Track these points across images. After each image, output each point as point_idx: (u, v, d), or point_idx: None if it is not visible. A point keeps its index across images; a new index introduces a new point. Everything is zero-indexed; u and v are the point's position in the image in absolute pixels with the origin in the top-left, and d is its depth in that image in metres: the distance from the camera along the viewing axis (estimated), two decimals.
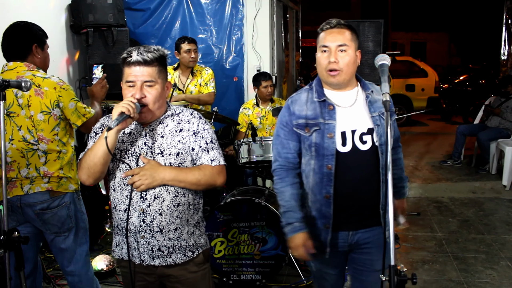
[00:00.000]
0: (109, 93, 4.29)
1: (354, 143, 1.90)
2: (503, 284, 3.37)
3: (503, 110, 6.14)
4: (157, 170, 1.80)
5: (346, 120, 1.91)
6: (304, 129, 1.94)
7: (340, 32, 1.89)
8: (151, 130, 1.87)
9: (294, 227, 1.94)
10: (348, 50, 1.88)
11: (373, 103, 1.94)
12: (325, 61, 1.89)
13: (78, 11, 4.45)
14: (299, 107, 1.97)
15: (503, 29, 7.41)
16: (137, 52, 1.78)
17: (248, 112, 4.53)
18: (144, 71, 1.78)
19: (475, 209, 5.04)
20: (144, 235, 1.84)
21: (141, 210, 1.83)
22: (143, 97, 1.78)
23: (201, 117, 1.94)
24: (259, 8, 5.27)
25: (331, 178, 1.89)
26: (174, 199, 1.85)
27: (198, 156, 1.88)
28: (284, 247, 3.21)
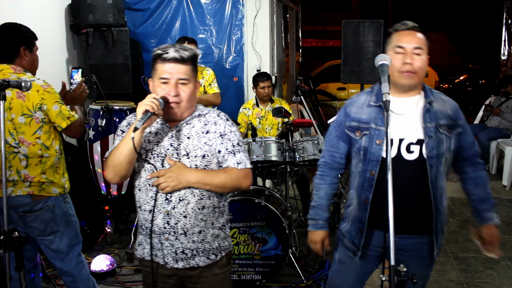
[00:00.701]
0: (110, 93, 4.33)
1: (399, 151, 1.86)
2: (503, 284, 3.37)
3: (503, 110, 6.14)
4: (182, 172, 1.78)
5: (397, 128, 1.87)
6: (355, 132, 1.94)
7: (415, 34, 1.85)
8: (178, 131, 1.84)
9: (317, 223, 2.06)
10: (423, 54, 1.84)
11: (431, 113, 1.88)
12: (399, 62, 1.83)
13: (78, 11, 4.45)
14: (355, 109, 1.96)
15: (503, 29, 7.41)
16: (174, 49, 1.76)
17: (248, 112, 4.53)
18: (179, 68, 1.76)
19: None
20: (168, 237, 1.83)
21: (165, 212, 1.81)
22: (177, 94, 1.77)
23: (228, 119, 1.91)
24: (259, 8, 5.28)
25: (372, 184, 1.89)
26: (199, 201, 1.83)
27: (224, 158, 1.85)
28: (284, 247, 3.21)
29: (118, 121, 3.99)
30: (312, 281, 3.35)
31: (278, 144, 3.68)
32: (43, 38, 4.10)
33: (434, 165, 1.85)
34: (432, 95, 1.92)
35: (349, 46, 4.92)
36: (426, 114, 1.87)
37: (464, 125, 1.94)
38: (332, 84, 10.96)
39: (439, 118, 1.87)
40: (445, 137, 1.87)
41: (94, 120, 3.98)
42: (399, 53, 1.84)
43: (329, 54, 15.50)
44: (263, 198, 3.31)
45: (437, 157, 1.85)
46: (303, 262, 3.61)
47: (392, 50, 1.86)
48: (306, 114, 5.28)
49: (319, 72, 11.62)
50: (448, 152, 1.90)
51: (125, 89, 4.61)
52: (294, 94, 3.86)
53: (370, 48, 4.77)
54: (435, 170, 1.86)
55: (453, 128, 1.89)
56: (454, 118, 1.90)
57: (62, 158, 2.50)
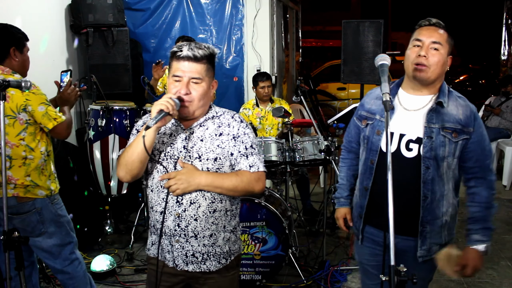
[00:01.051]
0: (110, 93, 4.33)
1: (399, 147, 1.87)
2: (503, 284, 3.37)
3: (503, 110, 6.14)
4: (193, 175, 1.76)
5: (400, 123, 1.87)
6: (362, 121, 2.01)
7: (437, 30, 1.83)
8: (192, 133, 1.83)
9: (339, 201, 2.17)
10: (441, 50, 1.81)
11: (438, 114, 1.84)
12: (413, 55, 1.82)
13: (78, 11, 4.45)
14: (369, 100, 2.03)
15: (503, 29, 7.41)
16: (188, 47, 1.75)
17: (248, 113, 4.53)
18: (192, 67, 1.75)
19: None
20: (178, 239, 1.82)
21: (176, 215, 1.80)
22: (188, 93, 1.76)
23: (242, 120, 1.89)
24: (259, 8, 5.28)
25: (372, 172, 1.94)
26: (210, 205, 1.81)
27: (237, 161, 1.82)
28: (284, 247, 3.21)
29: (118, 121, 3.99)
30: (312, 281, 3.35)
31: (278, 144, 3.68)
32: (43, 38, 4.13)
33: (431, 166, 1.82)
34: (446, 96, 1.87)
35: (349, 46, 4.93)
36: (432, 114, 1.84)
37: (474, 134, 1.84)
38: (332, 84, 10.97)
39: (446, 121, 1.83)
40: (448, 140, 1.82)
41: (94, 120, 3.98)
42: (416, 46, 1.83)
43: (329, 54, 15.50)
44: (263, 198, 3.31)
45: (435, 159, 1.82)
46: (303, 262, 3.61)
47: (411, 43, 1.87)
48: (306, 114, 5.28)
49: (319, 72, 11.63)
50: (451, 157, 1.84)
51: (125, 89, 4.61)
52: (294, 94, 3.85)
53: (370, 48, 4.77)
54: (432, 172, 1.83)
55: (460, 133, 1.83)
56: (465, 124, 1.83)
57: (50, 160, 2.47)
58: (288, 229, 3.24)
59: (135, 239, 3.97)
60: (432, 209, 1.87)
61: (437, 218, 1.89)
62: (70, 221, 2.59)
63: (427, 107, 1.86)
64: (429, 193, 1.85)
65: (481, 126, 1.87)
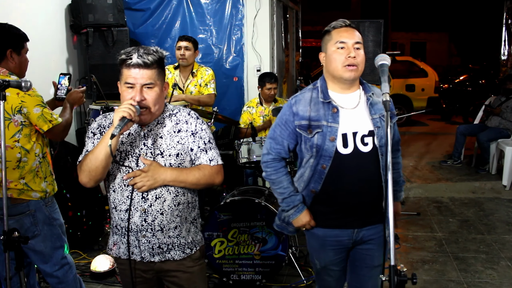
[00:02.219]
0: (110, 93, 4.32)
1: (355, 145, 1.95)
2: (503, 284, 3.37)
3: (503, 110, 6.13)
4: (158, 172, 1.82)
5: (348, 122, 1.95)
6: (307, 130, 1.98)
7: (354, 30, 1.96)
8: (150, 130, 1.88)
9: (299, 207, 2.08)
10: (361, 49, 1.94)
11: (374, 105, 1.98)
12: (342, 57, 1.92)
13: (78, 11, 4.46)
14: (303, 107, 2.00)
15: (503, 29, 7.40)
16: (137, 54, 1.77)
17: (252, 111, 4.53)
18: (143, 73, 1.78)
19: (475, 209, 5.03)
20: (145, 234, 1.88)
21: (142, 210, 1.85)
22: (143, 99, 1.79)
23: (198, 117, 1.96)
24: (259, 8, 5.28)
25: (322, 176, 1.98)
26: (174, 198, 1.89)
27: (197, 156, 1.92)
28: (284, 247, 3.21)
29: None
30: (312, 281, 3.35)
31: None
32: (43, 38, 4.12)
33: (384, 153, 1.92)
34: (370, 88, 2.03)
35: None
36: (370, 107, 1.98)
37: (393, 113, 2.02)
38: None
39: (380, 109, 1.97)
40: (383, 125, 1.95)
41: (94, 120, 3.97)
42: (341, 48, 1.92)
43: None
44: (263, 198, 3.31)
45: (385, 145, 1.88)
46: (303, 262, 3.61)
47: (334, 46, 1.94)
48: None
49: (319, 72, 11.63)
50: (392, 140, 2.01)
51: None
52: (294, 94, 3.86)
53: (370, 48, 4.77)
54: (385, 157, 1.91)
55: (392, 117, 1.99)
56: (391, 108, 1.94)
57: (45, 162, 2.46)
58: None
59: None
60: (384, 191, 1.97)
61: None
62: (63, 224, 2.57)
63: (363, 102, 1.99)
64: (384, 177, 1.93)
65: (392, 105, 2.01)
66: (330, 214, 2.05)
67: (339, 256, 2.12)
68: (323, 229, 2.09)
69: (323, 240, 2.10)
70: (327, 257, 2.12)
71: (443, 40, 23.91)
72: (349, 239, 2.07)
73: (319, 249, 2.14)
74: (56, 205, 2.53)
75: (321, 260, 2.15)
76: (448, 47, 24.25)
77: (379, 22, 4.74)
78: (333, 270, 2.15)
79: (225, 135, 4.83)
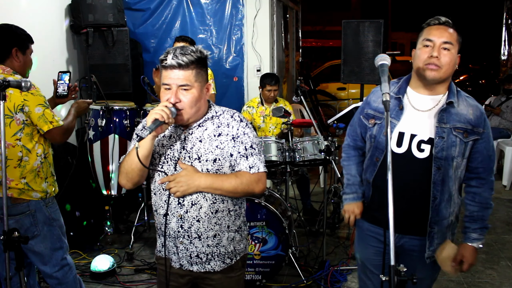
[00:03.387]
0: (110, 93, 4.33)
1: (410, 147, 1.86)
2: (503, 284, 3.37)
3: (503, 110, 6.14)
4: (192, 177, 1.76)
5: (411, 123, 1.87)
6: (369, 120, 1.99)
7: (447, 29, 1.81)
8: (191, 133, 1.83)
9: (355, 197, 2.08)
10: (452, 50, 1.80)
11: (449, 114, 1.84)
12: (425, 55, 1.81)
13: (78, 11, 4.45)
14: (375, 98, 2.00)
15: (503, 29, 7.40)
16: (172, 55, 1.71)
17: (252, 111, 4.53)
18: (179, 74, 1.72)
19: None
20: (182, 241, 1.83)
21: (179, 216, 1.81)
22: (178, 101, 1.73)
23: (242, 119, 1.88)
24: (259, 8, 5.28)
25: (375, 168, 1.97)
26: (212, 205, 1.81)
27: (237, 162, 1.82)
28: (284, 247, 3.21)
29: (118, 121, 3.99)
30: (312, 281, 3.35)
31: (278, 144, 3.68)
32: (43, 38, 4.12)
33: (442, 167, 1.83)
34: (456, 96, 1.86)
35: (349, 46, 4.93)
36: (443, 114, 1.84)
37: (484, 135, 1.86)
38: (332, 84, 10.97)
39: (457, 121, 1.83)
40: (459, 140, 1.83)
41: (94, 120, 3.98)
42: (427, 46, 1.81)
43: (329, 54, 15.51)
44: (263, 198, 3.31)
45: (446, 159, 1.83)
46: (303, 262, 3.61)
47: (421, 43, 1.84)
48: (306, 114, 5.28)
49: (319, 72, 11.63)
50: (460, 157, 1.85)
51: (125, 89, 4.61)
52: (294, 94, 3.86)
53: (370, 48, 4.78)
54: (444, 172, 1.84)
55: (470, 133, 1.84)
56: (475, 124, 1.84)
57: (46, 162, 2.45)
58: (288, 229, 3.24)
59: (135, 239, 3.97)
60: (440, 209, 1.88)
61: (444, 219, 1.91)
62: (63, 225, 2.56)
63: (438, 107, 1.86)
64: (439, 194, 1.86)
65: (489, 127, 1.89)
66: (375, 210, 2.01)
67: (378, 258, 2.01)
68: (367, 222, 2.07)
69: (364, 233, 2.08)
70: (366, 253, 2.09)
71: None
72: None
73: (359, 240, 2.13)
74: (56, 206, 2.53)
75: (360, 253, 2.13)
76: None
77: (379, 22, 4.74)
78: (373, 273, 2.07)
79: None
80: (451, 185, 1.87)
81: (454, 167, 1.85)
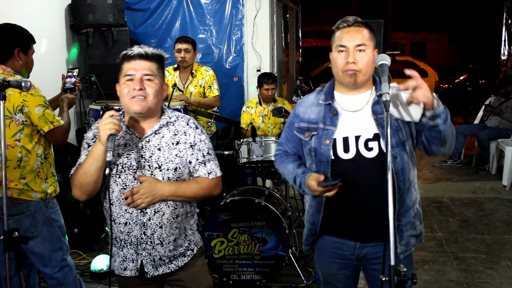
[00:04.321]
0: (110, 93, 4.31)
1: (358, 149, 1.79)
2: (503, 284, 3.37)
3: (503, 110, 6.14)
4: (156, 187, 1.78)
5: (350, 125, 1.82)
6: (305, 133, 1.89)
7: (358, 30, 1.78)
8: (148, 141, 1.83)
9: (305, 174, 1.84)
10: (367, 50, 1.77)
11: (381, 104, 1.75)
12: (342, 62, 1.78)
13: (78, 11, 4.46)
14: (304, 109, 1.92)
15: (503, 29, 7.41)
16: (138, 46, 1.80)
17: (250, 111, 4.53)
18: (144, 65, 1.78)
19: (475, 209, 5.04)
20: (145, 247, 1.85)
21: (141, 224, 1.82)
22: (142, 88, 1.75)
23: (197, 126, 1.91)
24: (259, 8, 5.28)
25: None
26: (173, 211, 1.86)
27: (195, 169, 1.89)
28: (284, 247, 3.21)
29: None
30: (312, 281, 3.35)
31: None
32: (43, 38, 4.12)
33: (398, 155, 1.77)
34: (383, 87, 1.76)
35: None
36: (377, 106, 1.80)
37: None
38: None
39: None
40: (402, 123, 1.79)
41: (94, 120, 3.97)
42: (341, 52, 1.78)
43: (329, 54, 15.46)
44: (263, 198, 3.31)
45: (398, 146, 1.77)
46: (303, 262, 3.61)
47: (335, 49, 1.81)
48: None
49: (319, 72, 11.63)
50: (410, 139, 1.80)
51: None
52: (294, 94, 3.86)
53: None
54: (400, 160, 1.77)
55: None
56: None
57: (47, 163, 2.45)
58: (288, 229, 3.24)
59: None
60: (405, 199, 1.82)
61: (410, 208, 1.86)
62: (63, 226, 2.56)
63: (370, 103, 1.82)
64: (401, 184, 1.79)
65: None
66: (333, 222, 1.90)
67: (342, 272, 1.96)
68: (325, 235, 1.96)
69: (323, 249, 1.97)
70: (328, 269, 1.98)
71: (443, 40, 23.91)
72: (351, 253, 1.90)
73: (319, 256, 2.02)
74: (57, 207, 2.52)
75: (321, 269, 2.04)
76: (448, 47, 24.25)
77: (379, 22, 4.75)
78: (337, 286, 2.01)
79: (225, 135, 4.83)
80: (409, 172, 1.81)
81: (408, 153, 1.80)
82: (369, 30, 1.81)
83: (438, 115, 1.68)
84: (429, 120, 1.69)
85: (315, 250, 2.05)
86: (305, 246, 2.03)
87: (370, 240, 1.85)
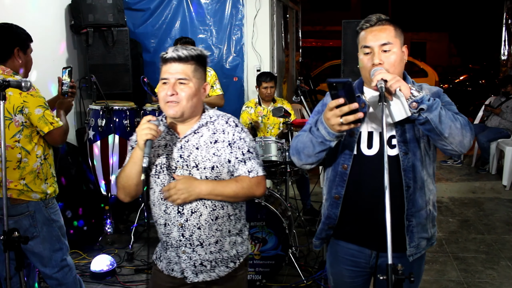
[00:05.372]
0: (110, 93, 4.33)
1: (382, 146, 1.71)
2: (503, 284, 3.37)
3: (503, 110, 6.14)
4: (192, 185, 1.75)
5: (376, 121, 1.73)
6: None
7: (381, 29, 1.70)
8: (187, 141, 1.81)
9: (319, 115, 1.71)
10: (393, 49, 1.69)
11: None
12: (368, 63, 1.70)
13: (78, 11, 4.46)
14: None
15: (503, 29, 7.40)
16: (173, 49, 1.75)
17: (250, 111, 4.54)
18: (178, 68, 1.74)
19: (475, 209, 5.04)
20: (185, 250, 1.82)
21: (179, 225, 1.80)
22: (174, 93, 1.73)
23: (237, 125, 1.86)
24: (259, 8, 5.28)
25: (344, 178, 1.76)
26: (211, 213, 1.80)
27: (235, 168, 1.81)
28: (284, 247, 3.21)
29: (118, 121, 3.99)
30: (312, 281, 3.35)
31: (278, 144, 3.68)
32: (43, 38, 4.12)
33: (410, 151, 1.69)
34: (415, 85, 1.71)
35: (349, 46, 4.92)
36: None
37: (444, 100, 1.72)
38: None
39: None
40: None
41: (94, 120, 3.98)
42: (367, 54, 1.72)
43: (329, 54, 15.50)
44: (263, 198, 3.31)
45: (411, 142, 1.70)
46: (303, 262, 3.61)
47: (361, 51, 1.75)
48: (306, 114, 5.28)
49: (319, 72, 11.63)
50: (426, 136, 1.69)
51: (125, 89, 4.62)
52: (294, 94, 3.86)
53: None
54: (412, 157, 1.70)
55: None
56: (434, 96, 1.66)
57: (46, 164, 2.44)
58: (288, 229, 3.24)
59: (135, 239, 3.97)
60: (415, 199, 1.73)
61: (422, 209, 1.76)
62: (63, 226, 2.55)
63: None
64: (411, 182, 1.71)
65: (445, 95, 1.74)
66: (348, 225, 1.81)
67: (355, 280, 1.88)
68: (341, 241, 1.87)
69: (338, 255, 1.89)
70: (340, 276, 1.90)
71: (443, 40, 23.89)
72: (366, 262, 1.82)
73: (333, 262, 1.93)
74: (57, 207, 2.52)
75: (333, 275, 1.95)
76: (448, 47, 24.23)
77: None
78: None
79: None
80: (422, 170, 1.73)
81: (422, 150, 1.72)
82: (395, 27, 1.72)
83: (419, 102, 1.56)
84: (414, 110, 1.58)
85: (329, 255, 1.98)
86: (316, 240, 1.93)
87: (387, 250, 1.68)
